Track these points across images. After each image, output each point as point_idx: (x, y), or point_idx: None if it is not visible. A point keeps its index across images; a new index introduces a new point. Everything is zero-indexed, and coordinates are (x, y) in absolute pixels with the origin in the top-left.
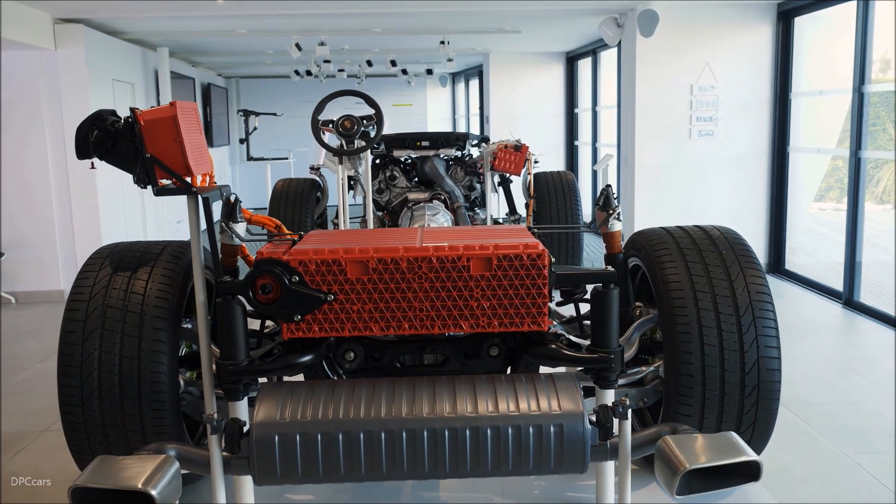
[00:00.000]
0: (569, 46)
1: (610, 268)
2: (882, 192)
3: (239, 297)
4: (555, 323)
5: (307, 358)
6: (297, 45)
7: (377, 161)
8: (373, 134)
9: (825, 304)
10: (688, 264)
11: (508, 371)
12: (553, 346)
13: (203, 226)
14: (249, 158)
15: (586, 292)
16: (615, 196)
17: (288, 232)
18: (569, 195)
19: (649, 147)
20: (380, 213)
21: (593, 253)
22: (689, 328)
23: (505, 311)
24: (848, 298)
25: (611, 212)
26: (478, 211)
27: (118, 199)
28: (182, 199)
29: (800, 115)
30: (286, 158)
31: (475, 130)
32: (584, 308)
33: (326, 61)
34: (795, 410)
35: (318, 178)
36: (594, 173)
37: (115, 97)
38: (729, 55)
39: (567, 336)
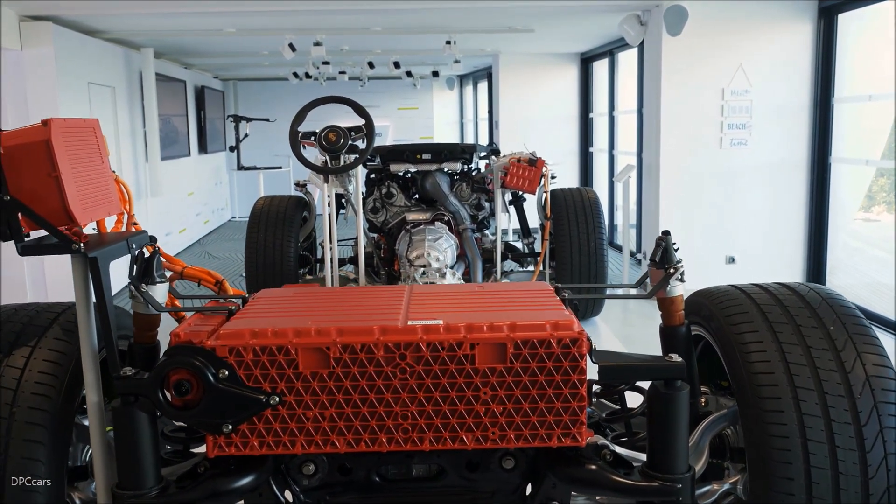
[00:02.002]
0: (584, 47)
1: (675, 357)
2: None
3: (145, 398)
4: (593, 415)
5: (246, 480)
6: (291, 46)
7: (372, 176)
8: (362, 147)
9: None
10: (781, 346)
11: (528, 489)
12: (592, 466)
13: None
14: (240, 168)
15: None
16: (675, 246)
17: (232, 291)
18: (591, 216)
19: (675, 157)
20: (374, 236)
21: (615, 269)
22: (789, 443)
23: (525, 420)
24: None
25: (671, 270)
26: (486, 233)
27: None
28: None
29: (843, 123)
30: (280, 168)
31: (484, 135)
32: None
33: (325, 63)
34: None
35: (304, 195)
36: (611, 184)
37: (92, 102)
38: (764, 56)
39: (611, 447)
